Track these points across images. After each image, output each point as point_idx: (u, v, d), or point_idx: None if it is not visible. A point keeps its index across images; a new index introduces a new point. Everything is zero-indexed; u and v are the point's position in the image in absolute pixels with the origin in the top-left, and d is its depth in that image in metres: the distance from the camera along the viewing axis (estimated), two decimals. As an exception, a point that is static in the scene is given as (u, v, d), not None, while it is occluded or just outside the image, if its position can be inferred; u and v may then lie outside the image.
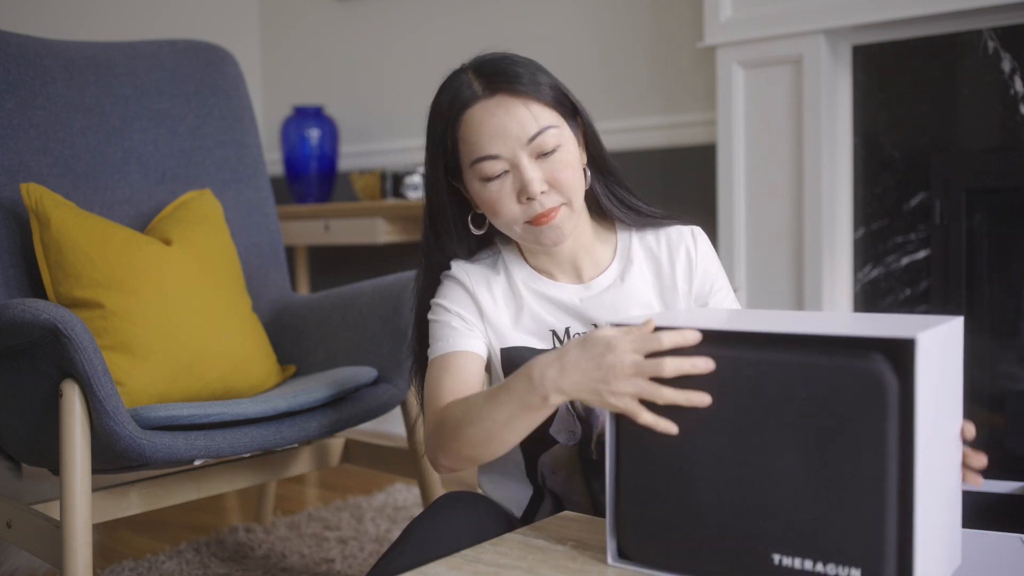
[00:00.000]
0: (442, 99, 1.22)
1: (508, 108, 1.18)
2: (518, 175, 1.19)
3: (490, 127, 1.18)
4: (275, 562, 2.09)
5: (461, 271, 1.30)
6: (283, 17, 3.70)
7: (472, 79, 1.20)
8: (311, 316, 2.04)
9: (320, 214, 3.00)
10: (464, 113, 1.20)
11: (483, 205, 1.23)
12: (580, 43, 2.90)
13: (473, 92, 1.19)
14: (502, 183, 1.19)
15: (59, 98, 1.94)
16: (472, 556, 1.03)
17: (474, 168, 1.20)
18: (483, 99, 1.19)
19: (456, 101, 1.20)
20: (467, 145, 1.20)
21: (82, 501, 1.46)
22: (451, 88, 1.22)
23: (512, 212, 1.20)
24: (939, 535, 0.92)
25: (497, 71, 1.20)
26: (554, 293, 1.28)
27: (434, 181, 1.26)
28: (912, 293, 2.29)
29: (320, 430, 1.69)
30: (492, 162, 1.19)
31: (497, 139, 1.18)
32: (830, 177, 2.34)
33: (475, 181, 1.21)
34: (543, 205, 1.20)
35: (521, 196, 1.19)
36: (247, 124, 2.22)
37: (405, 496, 2.55)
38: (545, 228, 1.21)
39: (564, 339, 1.27)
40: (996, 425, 2.22)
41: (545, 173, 1.19)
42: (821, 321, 0.99)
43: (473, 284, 1.28)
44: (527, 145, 1.18)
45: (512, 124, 1.18)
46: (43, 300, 1.48)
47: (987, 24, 2.16)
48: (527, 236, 1.23)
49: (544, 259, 1.29)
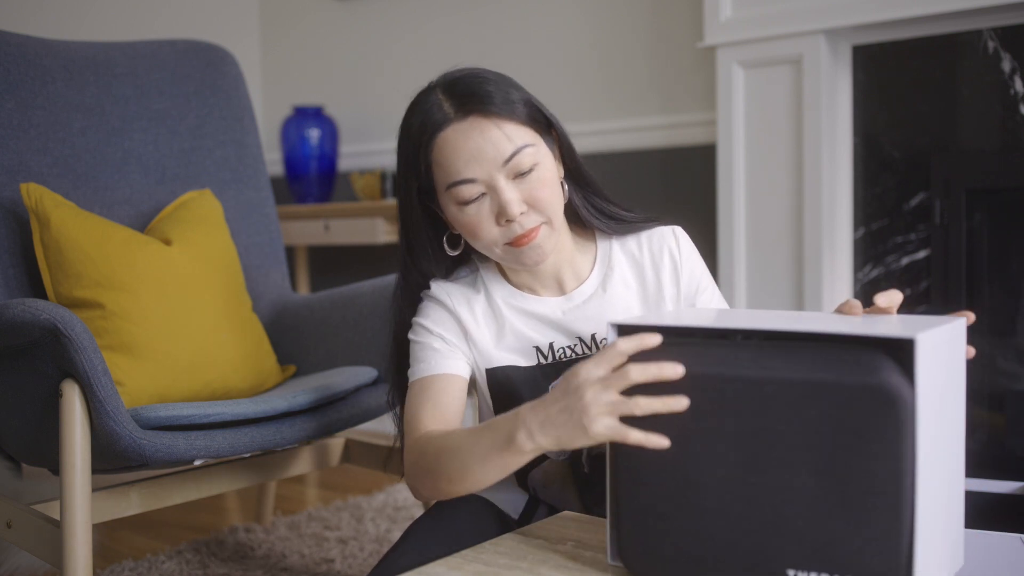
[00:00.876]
0: (413, 121, 1.19)
1: (482, 130, 1.15)
2: (496, 197, 1.16)
3: (464, 151, 1.15)
4: (275, 562, 2.09)
5: (442, 292, 1.26)
6: (283, 17, 3.70)
7: (443, 100, 1.16)
8: (311, 316, 2.04)
9: (320, 214, 3.00)
10: (436, 137, 1.16)
11: (461, 228, 1.20)
12: (580, 43, 2.90)
13: (445, 114, 1.16)
14: (479, 206, 1.17)
15: (59, 98, 1.94)
16: (472, 556, 1.03)
17: (450, 192, 1.17)
18: (455, 121, 1.15)
19: (428, 124, 1.16)
20: (441, 169, 1.17)
21: (82, 501, 1.46)
22: (421, 110, 1.18)
23: (491, 235, 1.18)
24: (942, 537, 0.92)
25: (468, 91, 1.16)
26: (535, 308, 1.26)
27: (407, 203, 1.23)
28: (912, 293, 2.29)
29: (320, 430, 1.69)
30: (468, 186, 1.16)
31: (472, 163, 1.15)
32: (830, 177, 2.34)
33: (451, 205, 1.18)
34: (523, 226, 1.17)
35: (500, 218, 1.17)
36: (247, 124, 2.22)
37: (405, 496, 2.55)
38: (526, 249, 1.18)
39: (548, 355, 1.25)
40: (996, 425, 2.22)
41: (523, 193, 1.16)
42: (819, 322, 0.99)
43: (455, 304, 1.25)
44: (503, 167, 1.15)
45: (487, 147, 1.15)
46: (43, 300, 1.48)
47: (987, 24, 2.16)
48: (508, 257, 1.20)
49: (525, 275, 1.27)
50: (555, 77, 2.94)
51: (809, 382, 0.87)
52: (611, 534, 0.99)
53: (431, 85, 1.21)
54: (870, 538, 0.86)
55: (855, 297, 2.37)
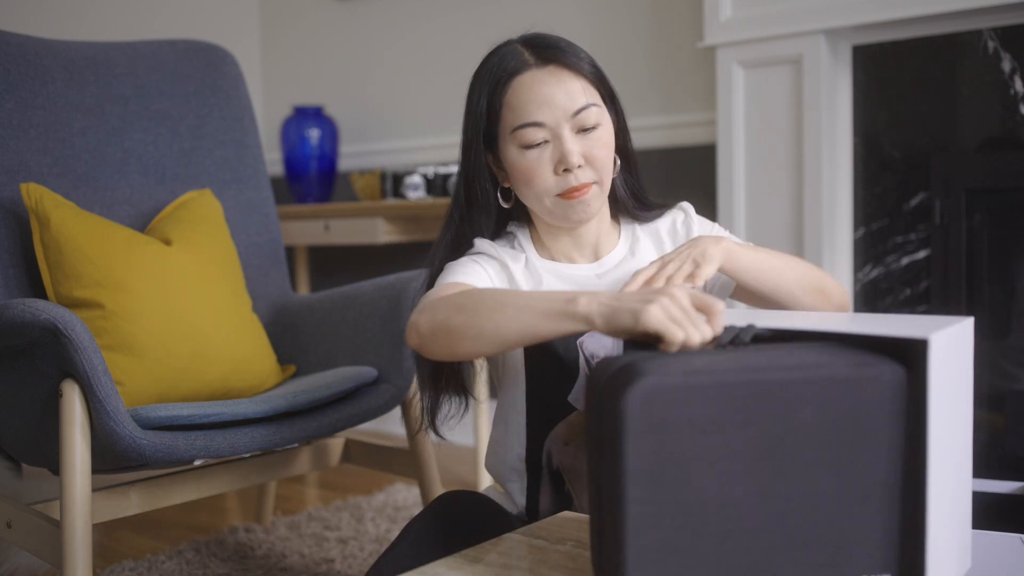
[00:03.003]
0: (489, 64, 1.24)
1: (559, 78, 1.20)
2: (558, 145, 1.20)
3: (538, 94, 1.19)
4: (275, 562, 2.09)
5: (488, 246, 1.28)
6: (283, 17, 3.70)
7: (522, 49, 1.23)
8: (311, 316, 2.04)
9: (320, 214, 3.00)
10: (514, 79, 1.21)
11: (518, 174, 1.22)
12: (580, 43, 2.90)
13: (524, 60, 1.21)
14: (541, 152, 1.20)
15: (59, 98, 1.94)
16: (472, 556, 1.03)
17: (515, 134, 1.21)
18: (534, 67, 1.21)
19: (506, 67, 1.22)
20: (512, 111, 1.21)
21: (82, 501, 1.46)
22: (499, 55, 1.24)
23: (546, 183, 1.21)
24: (951, 538, 0.91)
25: (548, 44, 1.22)
26: (571, 272, 1.29)
27: (472, 147, 1.26)
28: (912, 293, 2.29)
29: (320, 430, 1.69)
30: (535, 129, 1.20)
31: (544, 107, 1.19)
32: (830, 177, 2.34)
33: (513, 148, 1.22)
34: (577, 179, 1.21)
35: (558, 167, 1.20)
36: (247, 124, 2.22)
37: (405, 496, 2.55)
38: (575, 203, 1.22)
39: None
40: (996, 425, 2.22)
41: (583, 148, 1.20)
42: (830, 322, 0.98)
43: (499, 252, 1.28)
44: (571, 118, 1.20)
45: (560, 94, 1.20)
46: (43, 300, 1.48)
47: (987, 24, 2.16)
48: (555, 210, 1.23)
49: (563, 241, 1.30)
50: (555, 77, 2.94)
51: (823, 380, 0.85)
52: (594, 545, 0.91)
53: (509, 40, 1.27)
54: (883, 538, 0.85)
55: (855, 297, 2.38)
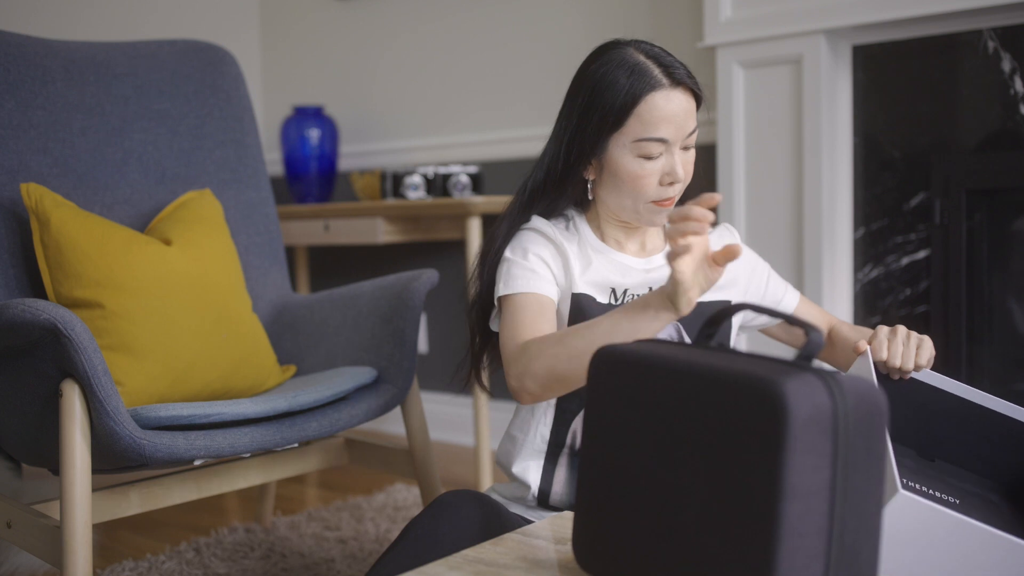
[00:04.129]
0: (619, 73, 1.31)
1: (683, 102, 1.31)
2: (669, 160, 1.32)
3: (667, 113, 1.30)
4: (275, 562, 2.09)
5: (543, 224, 1.39)
6: (283, 17, 3.70)
7: (652, 65, 1.31)
8: (311, 316, 2.04)
9: (320, 214, 3.00)
10: (649, 93, 1.29)
11: (625, 176, 1.32)
12: (580, 43, 2.90)
13: (658, 78, 1.30)
14: (654, 164, 1.31)
15: (59, 98, 1.94)
16: (472, 556, 1.03)
17: (638, 144, 1.30)
18: (668, 87, 1.30)
19: (645, 80, 1.30)
20: (641, 123, 1.30)
21: (82, 501, 1.46)
22: (629, 65, 1.31)
23: (649, 191, 1.32)
24: None
25: (675, 65, 1.32)
26: (621, 259, 1.39)
27: (582, 139, 1.34)
28: (912, 293, 2.29)
29: (320, 430, 1.69)
30: (658, 144, 1.31)
31: (670, 126, 1.30)
32: (830, 177, 2.34)
33: (628, 154, 1.31)
34: (673, 191, 1.34)
35: (664, 179, 1.32)
36: (247, 124, 2.22)
37: (405, 496, 2.55)
38: (664, 210, 1.35)
39: (622, 298, 1.36)
40: (996, 425, 2.22)
41: (683, 163, 1.33)
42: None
43: (554, 234, 1.37)
44: (683, 138, 1.32)
45: (682, 116, 1.31)
46: (43, 300, 1.48)
47: (987, 24, 2.16)
48: (644, 212, 1.35)
49: (619, 230, 1.41)
50: (555, 77, 2.94)
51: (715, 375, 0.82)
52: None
53: (624, 46, 1.34)
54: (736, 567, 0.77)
55: (855, 297, 2.38)
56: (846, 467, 0.78)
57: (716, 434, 0.81)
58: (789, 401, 0.76)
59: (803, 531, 0.76)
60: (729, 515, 0.79)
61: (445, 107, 3.27)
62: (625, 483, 0.89)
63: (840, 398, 0.79)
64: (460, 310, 3.05)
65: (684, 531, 0.83)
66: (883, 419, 0.81)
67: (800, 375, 0.79)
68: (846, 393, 0.79)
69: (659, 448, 0.86)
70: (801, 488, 0.76)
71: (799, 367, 0.81)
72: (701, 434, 0.82)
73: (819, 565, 0.77)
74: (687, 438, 0.84)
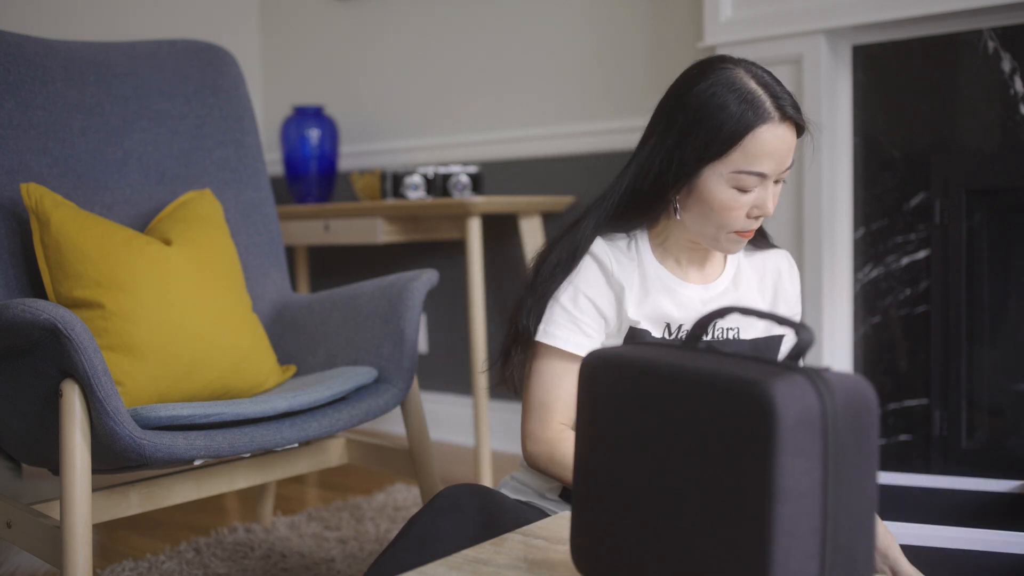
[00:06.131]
0: (729, 98, 1.26)
1: (787, 139, 1.28)
2: (762, 194, 1.28)
3: (772, 148, 1.26)
4: (275, 562, 2.09)
5: (604, 253, 1.35)
6: (283, 17, 3.70)
7: (764, 96, 1.26)
8: (311, 316, 2.04)
9: (320, 214, 3.00)
10: (759, 126, 1.25)
11: (715, 204, 1.28)
12: (580, 43, 2.90)
13: (769, 111, 1.26)
14: (747, 196, 1.28)
15: (59, 98, 1.94)
16: (472, 556, 1.03)
17: (736, 175, 1.26)
18: (778, 122, 1.26)
19: (754, 112, 1.25)
20: (743, 153, 1.26)
21: (82, 501, 1.46)
22: (740, 92, 1.26)
23: (736, 221, 1.29)
24: None
25: (783, 97, 1.28)
26: (679, 290, 1.36)
27: (680, 161, 1.29)
28: (912, 293, 2.29)
29: (320, 430, 1.69)
30: (757, 178, 1.27)
31: (772, 162, 1.26)
32: (830, 177, 2.34)
33: (722, 183, 1.27)
34: (758, 223, 1.32)
35: (753, 211, 1.29)
36: (247, 124, 2.22)
37: (405, 496, 2.55)
38: (742, 240, 1.32)
39: (676, 333, 1.35)
40: (996, 425, 2.22)
41: (772, 197, 1.31)
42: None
43: (613, 264, 1.35)
44: (780, 172, 1.29)
45: (784, 153, 1.27)
46: (43, 300, 1.48)
47: (987, 24, 2.16)
48: (724, 240, 1.32)
49: (683, 253, 1.38)
50: (555, 77, 2.94)
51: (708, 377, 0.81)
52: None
53: (728, 64, 1.30)
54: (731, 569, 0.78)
55: (855, 297, 2.38)
56: (837, 466, 0.79)
57: (707, 437, 0.81)
58: (777, 404, 0.76)
59: (797, 532, 0.76)
60: (723, 517, 0.79)
61: (445, 107, 3.27)
62: (620, 487, 0.90)
63: (828, 397, 0.79)
64: (460, 310, 3.05)
65: (679, 534, 0.83)
66: (873, 415, 0.82)
67: (788, 376, 0.79)
68: (834, 392, 0.79)
69: (652, 451, 0.86)
70: (793, 490, 0.76)
71: (787, 368, 0.81)
72: (692, 437, 0.82)
73: (814, 565, 0.77)
74: (679, 441, 0.84)
